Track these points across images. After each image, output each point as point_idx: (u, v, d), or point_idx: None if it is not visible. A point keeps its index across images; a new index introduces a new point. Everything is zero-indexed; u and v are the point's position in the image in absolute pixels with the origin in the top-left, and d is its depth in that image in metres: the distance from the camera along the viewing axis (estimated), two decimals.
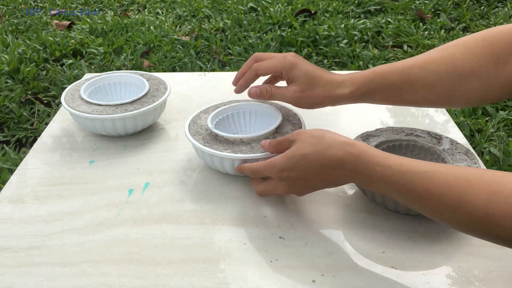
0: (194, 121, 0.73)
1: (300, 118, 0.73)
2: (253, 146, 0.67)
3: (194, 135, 0.70)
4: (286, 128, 0.71)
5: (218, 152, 0.65)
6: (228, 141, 0.68)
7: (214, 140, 0.68)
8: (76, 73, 1.93)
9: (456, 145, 0.68)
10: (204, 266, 0.57)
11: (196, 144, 0.67)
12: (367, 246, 0.59)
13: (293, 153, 0.57)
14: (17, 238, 0.61)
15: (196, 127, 0.72)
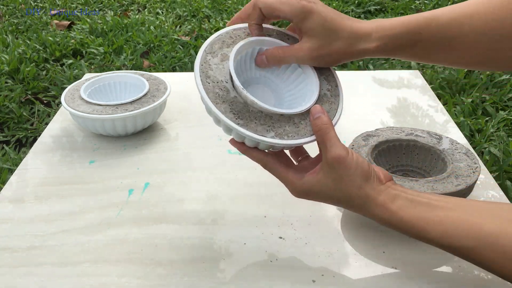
0: (205, 72, 0.51)
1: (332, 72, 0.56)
2: (296, 122, 0.51)
3: (217, 103, 0.49)
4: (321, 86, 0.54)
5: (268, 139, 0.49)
6: (262, 113, 0.50)
7: (245, 112, 0.50)
8: (76, 73, 1.93)
9: (456, 145, 0.68)
10: (204, 266, 0.57)
11: (230, 124, 0.48)
12: (367, 246, 0.59)
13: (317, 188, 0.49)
14: (17, 238, 0.61)
15: (213, 85, 0.51)
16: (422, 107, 0.91)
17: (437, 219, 0.45)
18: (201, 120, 0.87)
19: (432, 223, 0.45)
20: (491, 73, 1.76)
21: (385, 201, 0.48)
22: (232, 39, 0.54)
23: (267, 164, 0.52)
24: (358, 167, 0.48)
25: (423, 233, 0.46)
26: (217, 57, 0.53)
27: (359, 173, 0.48)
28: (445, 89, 1.70)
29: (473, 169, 0.63)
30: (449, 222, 0.45)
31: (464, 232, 0.44)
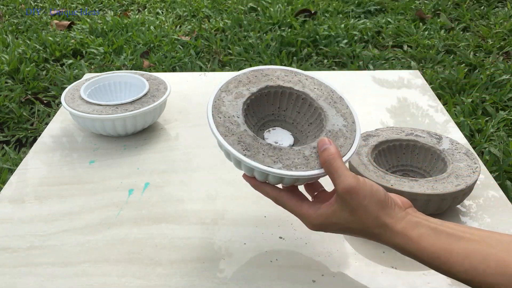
0: (218, 108, 0.53)
1: (348, 105, 0.56)
2: (306, 155, 0.50)
3: (226, 135, 0.50)
4: (335, 120, 0.54)
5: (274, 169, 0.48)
6: (271, 146, 0.50)
7: (254, 144, 0.50)
8: (76, 73, 1.93)
9: (456, 145, 0.68)
10: (204, 266, 0.57)
11: (237, 155, 0.49)
12: (367, 246, 0.59)
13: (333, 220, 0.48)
14: (17, 238, 0.61)
15: (224, 119, 0.52)
16: (422, 107, 0.91)
17: (462, 252, 0.42)
18: (201, 120, 0.87)
19: (456, 256, 0.42)
20: (491, 73, 1.77)
21: (406, 229, 0.45)
22: (248, 79, 0.56)
23: (279, 199, 0.51)
24: (373, 196, 0.46)
25: (446, 266, 0.43)
26: (231, 95, 0.55)
27: (374, 202, 0.46)
28: (445, 89, 1.70)
29: (473, 169, 0.63)
30: (475, 257, 0.42)
31: (491, 269, 0.41)
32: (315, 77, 0.58)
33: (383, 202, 0.46)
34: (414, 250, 0.44)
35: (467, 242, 0.43)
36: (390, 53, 2.02)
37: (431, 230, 0.44)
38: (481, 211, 0.65)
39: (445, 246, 0.43)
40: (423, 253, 0.44)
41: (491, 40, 2.11)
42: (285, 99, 0.57)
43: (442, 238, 0.44)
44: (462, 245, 0.43)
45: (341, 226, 0.48)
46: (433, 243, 0.44)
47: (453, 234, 0.44)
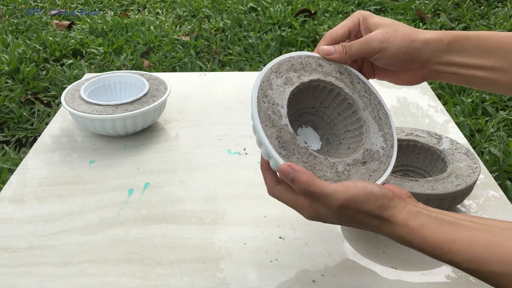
0: (264, 90, 0.49)
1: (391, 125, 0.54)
2: (339, 171, 0.49)
3: (266, 125, 0.47)
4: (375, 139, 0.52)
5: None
6: (308, 150, 0.48)
7: (291, 143, 0.48)
8: (76, 73, 1.93)
9: (456, 145, 0.68)
10: (204, 266, 0.57)
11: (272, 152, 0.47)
12: (367, 246, 0.59)
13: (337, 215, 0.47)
14: (17, 238, 0.61)
15: (267, 105, 0.49)
16: (422, 107, 0.91)
17: (465, 241, 0.42)
18: (201, 120, 0.87)
19: (459, 245, 0.42)
20: None
21: (406, 219, 0.44)
22: (302, 65, 0.53)
23: (274, 190, 0.50)
24: (370, 196, 0.45)
25: (449, 256, 0.42)
26: (280, 79, 0.51)
27: (373, 202, 0.45)
28: (445, 89, 1.70)
29: (473, 169, 0.63)
30: (478, 245, 0.41)
31: (495, 257, 0.40)
32: (367, 83, 0.56)
33: (381, 199, 0.45)
34: (416, 241, 0.44)
35: (470, 230, 0.42)
36: None
37: (433, 220, 0.44)
38: (481, 211, 0.65)
39: (447, 235, 0.42)
40: (426, 243, 0.43)
41: None
42: (331, 97, 0.54)
43: (444, 227, 0.43)
44: (465, 234, 0.42)
45: (339, 219, 0.47)
46: (435, 232, 0.43)
47: (454, 222, 0.43)
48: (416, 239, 0.44)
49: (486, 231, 0.42)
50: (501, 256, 0.40)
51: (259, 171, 0.73)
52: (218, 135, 0.82)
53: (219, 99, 0.90)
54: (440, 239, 0.43)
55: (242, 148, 0.79)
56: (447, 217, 0.44)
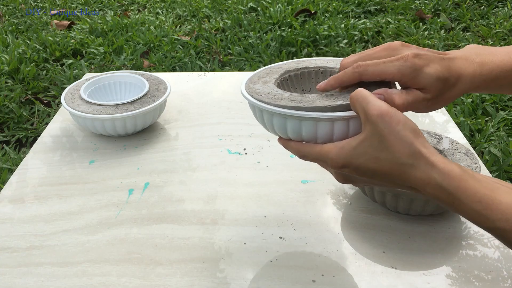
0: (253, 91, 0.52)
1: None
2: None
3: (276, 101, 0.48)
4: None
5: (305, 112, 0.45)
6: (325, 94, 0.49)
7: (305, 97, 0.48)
8: (76, 73, 1.93)
9: (456, 145, 0.68)
10: (204, 266, 0.57)
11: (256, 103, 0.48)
12: (367, 246, 0.59)
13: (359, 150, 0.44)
14: (17, 238, 0.61)
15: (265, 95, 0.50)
16: None
17: (504, 200, 0.40)
18: (201, 120, 0.87)
19: (499, 203, 0.40)
20: None
21: (444, 163, 0.41)
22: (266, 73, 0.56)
23: (300, 149, 0.48)
24: (407, 123, 0.42)
25: (486, 211, 0.40)
26: (258, 83, 0.53)
27: (408, 129, 0.42)
28: None
29: (473, 169, 0.63)
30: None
31: None
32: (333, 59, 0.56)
33: (416, 130, 0.42)
34: (453, 188, 0.41)
35: (509, 194, 0.40)
36: None
37: (471, 175, 0.41)
38: None
39: (487, 191, 0.40)
40: (464, 193, 0.41)
41: (491, 40, 2.11)
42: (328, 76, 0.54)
43: (483, 183, 0.41)
44: (505, 195, 0.40)
45: (368, 159, 0.43)
46: (476, 185, 0.41)
47: (493, 181, 0.41)
48: (453, 186, 0.41)
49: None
50: None
51: (259, 171, 0.73)
52: (218, 135, 0.83)
53: (219, 99, 0.90)
54: (480, 192, 0.40)
55: (242, 148, 0.79)
56: (485, 178, 0.42)
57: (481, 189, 0.41)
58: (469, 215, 0.41)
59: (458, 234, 0.61)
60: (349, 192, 0.68)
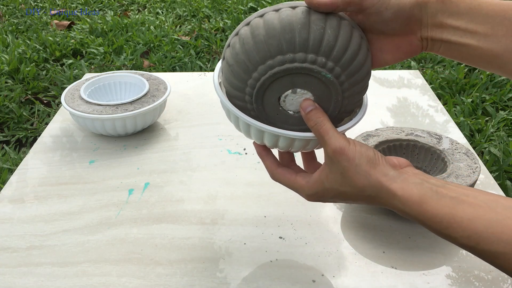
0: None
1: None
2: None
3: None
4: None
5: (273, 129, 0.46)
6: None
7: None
8: (76, 73, 1.93)
9: (456, 145, 0.68)
10: (204, 266, 0.57)
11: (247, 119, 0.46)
12: (367, 246, 0.59)
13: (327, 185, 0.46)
14: (17, 238, 0.61)
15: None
16: (422, 107, 0.91)
17: (465, 217, 0.40)
18: (201, 120, 0.87)
19: (460, 221, 0.40)
20: (491, 73, 1.77)
21: (404, 189, 0.42)
22: None
23: (275, 174, 0.50)
24: (362, 155, 0.44)
25: (448, 231, 0.41)
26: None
27: (364, 161, 0.43)
28: (445, 89, 1.70)
29: (473, 169, 0.63)
30: (479, 222, 0.40)
31: (495, 236, 0.39)
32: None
33: (373, 160, 0.44)
34: (415, 212, 0.42)
35: (471, 207, 0.40)
36: None
37: (433, 192, 0.42)
38: None
39: (448, 210, 0.41)
40: (425, 216, 0.42)
41: None
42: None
43: (444, 201, 0.41)
44: (466, 210, 0.40)
45: (335, 192, 0.46)
46: (435, 206, 0.41)
47: (456, 197, 0.41)
48: (415, 211, 0.42)
49: (488, 209, 0.40)
50: (502, 235, 0.39)
51: (259, 171, 0.73)
52: (218, 135, 0.83)
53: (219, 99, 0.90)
54: (440, 213, 0.41)
55: (242, 148, 0.79)
56: (449, 192, 0.42)
57: (442, 209, 0.41)
58: (436, 234, 0.43)
59: None
60: None
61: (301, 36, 0.41)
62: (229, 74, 0.45)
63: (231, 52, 0.44)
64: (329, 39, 0.42)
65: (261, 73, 0.43)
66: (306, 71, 0.43)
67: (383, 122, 0.86)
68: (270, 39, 0.42)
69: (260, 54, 0.42)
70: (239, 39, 0.44)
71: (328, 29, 0.42)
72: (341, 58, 0.42)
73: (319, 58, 0.42)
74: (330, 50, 0.42)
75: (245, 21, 0.45)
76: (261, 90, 0.44)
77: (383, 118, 0.87)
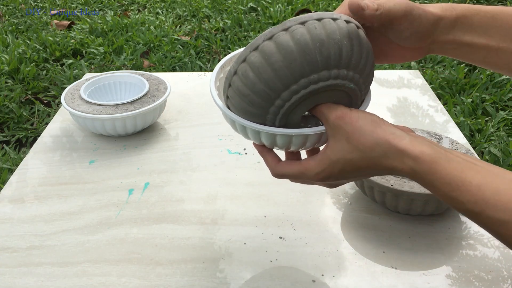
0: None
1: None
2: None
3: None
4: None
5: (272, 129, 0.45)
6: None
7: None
8: (76, 73, 1.93)
9: (456, 145, 0.68)
10: (204, 266, 0.57)
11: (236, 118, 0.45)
12: (367, 246, 0.59)
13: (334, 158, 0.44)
14: (17, 238, 0.61)
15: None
16: (422, 107, 0.91)
17: (474, 182, 0.40)
18: (201, 120, 0.87)
19: (469, 185, 0.40)
20: (491, 73, 1.76)
21: (413, 147, 0.41)
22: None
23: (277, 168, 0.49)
24: (366, 117, 0.43)
25: (455, 193, 0.40)
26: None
27: (368, 122, 0.43)
28: (445, 89, 1.70)
29: None
30: (487, 189, 0.39)
31: (502, 204, 0.39)
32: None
33: (377, 120, 0.43)
34: (425, 171, 0.41)
35: (480, 173, 0.40)
36: None
37: (443, 154, 0.41)
38: None
39: (457, 173, 0.40)
40: (434, 175, 0.41)
41: None
42: None
43: (454, 163, 0.41)
44: (475, 176, 0.40)
45: (344, 163, 0.44)
46: (446, 167, 0.40)
47: (465, 161, 0.41)
48: (425, 168, 0.41)
49: (496, 177, 0.40)
50: (508, 204, 0.39)
51: (259, 171, 0.73)
52: (218, 135, 0.83)
53: None
54: (450, 175, 0.40)
55: (242, 148, 0.79)
56: (457, 157, 0.42)
57: (452, 170, 0.40)
58: (442, 197, 0.41)
59: (458, 234, 0.61)
60: (349, 192, 0.68)
61: (322, 55, 0.40)
62: (245, 104, 0.43)
63: (243, 82, 0.42)
64: (347, 50, 0.41)
65: (285, 99, 0.42)
66: (331, 88, 0.42)
67: None
68: (291, 64, 0.40)
69: (283, 81, 0.41)
70: (250, 67, 0.42)
71: (343, 39, 0.41)
72: (359, 65, 0.42)
73: (341, 71, 0.42)
74: (349, 60, 0.41)
75: (250, 45, 0.43)
76: (285, 116, 0.43)
77: (383, 118, 0.87)
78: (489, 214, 0.39)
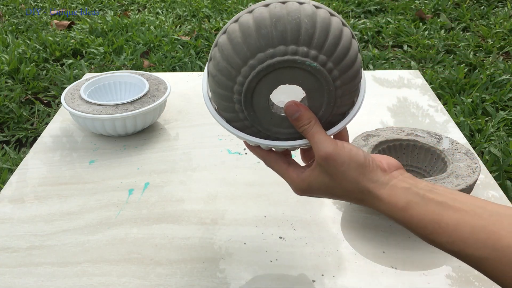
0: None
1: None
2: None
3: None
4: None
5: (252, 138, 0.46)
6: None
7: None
8: (76, 73, 1.93)
9: (456, 145, 0.68)
10: (204, 266, 0.57)
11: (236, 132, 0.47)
12: (367, 246, 0.59)
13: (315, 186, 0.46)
14: (17, 238, 0.61)
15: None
16: (422, 107, 0.91)
17: (451, 223, 0.40)
18: (201, 120, 0.87)
19: (445, 226, 0.40)
20: (491, 73, 1.77)
21: (391, 196, 0.43)
22: None
23: (268, 161, 0.50)
24: (352, 161, 0.44)
25: (433, 236, 0.41)
26: None
27: (353, 167, 0.44)
28: (445, 89, 1.70)
29: (473, 169, 0.63)
30: (464, 228, 0.40)
31: (480, 242, 0.39)
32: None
33: (363, 166, 0.44)
34: (401, 218, 0.43)
35: (457, 212, 0.40)
36: (390, 53, 2.02)
37: (420, 198, 0.42)
38: None
39: (434, 216, 0.41)
40: (411, 222, 0.42)
41: (491, 40, 2.11)
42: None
43: (431, 206, 0.41)
44: (452, 216, 0.40)
45: (324, 191, 0.46)
46: (421, 212, 0.41)
47: (443, 202, 0.42)
48: (400, 216, 0.43)
49: (474, 214, 0.40)
50: (487, 241, 0.39)
51: (259, 171, 0.73)
52: (218, 135, 0.83)
53: None
54: (426, 219, 0.41)
55: (242, 148, 0.79)
56: (436, 196, 0.42)
57: (428, 214, 0.41)
58: (421, 238, 0.43)
59: None
60: None
61: (277, 30, 0.40)
62: (214, 85, 0.44)
63: (213, 64, 0.43)
64: (307, 27, 0.40)
65: (245, 76, 0.42)
66: (289, 64, 0.41)
67: (383, 122, 0.86)
68: (247, 38, 0.41)
69: (240, 55, 0.41)
70: (218, 48, 0.43)
71: (304, 18, 0.41)
72: (323, 45, 0.41)
73: (300, 48, 0.41)
74: (310, 38, 0.41)
75: (221, 30, 0.44)
76: (248, 94, 0.43)
77: (383, 118, 0.87)
78: (467, 253, 0.40)
